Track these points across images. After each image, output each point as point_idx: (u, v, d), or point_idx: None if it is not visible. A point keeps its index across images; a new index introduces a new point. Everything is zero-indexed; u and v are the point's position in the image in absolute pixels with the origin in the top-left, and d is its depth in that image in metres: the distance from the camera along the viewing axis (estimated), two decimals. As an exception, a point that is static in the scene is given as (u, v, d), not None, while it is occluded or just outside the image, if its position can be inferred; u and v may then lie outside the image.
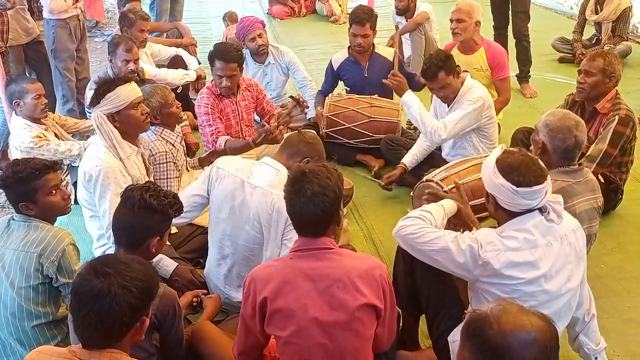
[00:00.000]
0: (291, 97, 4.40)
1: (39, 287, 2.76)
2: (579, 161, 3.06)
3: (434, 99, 4.28)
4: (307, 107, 4.51)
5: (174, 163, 3.73)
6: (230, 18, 7.54)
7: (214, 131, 4.20)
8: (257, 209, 2.92)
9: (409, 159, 4.31)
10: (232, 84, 4.29)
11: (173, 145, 3.76)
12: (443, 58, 3.91)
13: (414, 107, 4.01)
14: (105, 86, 3.15)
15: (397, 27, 6.71)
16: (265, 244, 2.96)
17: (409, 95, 4.08)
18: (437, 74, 3.88)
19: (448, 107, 4.07)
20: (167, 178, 3.67)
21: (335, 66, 5.08)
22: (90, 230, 3.43)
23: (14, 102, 4.11)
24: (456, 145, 4.18)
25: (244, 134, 4.43)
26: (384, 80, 4.21)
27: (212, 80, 4.38)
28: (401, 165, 4.30)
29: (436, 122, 3.96)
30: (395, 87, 4.13)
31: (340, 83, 5.21)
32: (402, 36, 6.54)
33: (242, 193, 2.97)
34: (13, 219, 2.85)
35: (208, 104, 4.25)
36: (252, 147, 4.07)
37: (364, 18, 4.81)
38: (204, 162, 4.04)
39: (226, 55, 4.20)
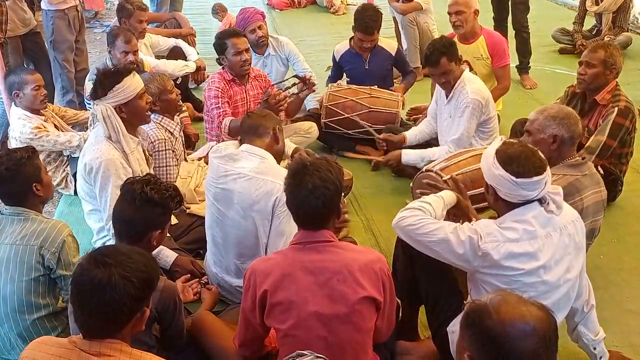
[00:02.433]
0: (295, 76, 4.38)
1: (39, 278, 2.76)
2: (577, 153, 3.07)
3: (436, 92, 4.28)
4: (314, 84, 4.49)
5: (173, 151, 3.73)
6: (220, 8, 7.73)
7: (221, 113, 4.22)
8: (242, 196, 2.93)
9: (412, 133, 4.35)
10: (250, 59, 4.37)
11: (172, 134, 3.76)
12: (446, 44, 3.92)
13: (418, 158, 4.08)
14: (112, 78, 3.13)
15: (394, 19, 6.69)
16: (259, 232, 2.96)
17: (406, 156, 4.13)
18: (440, 60, 3.87)
19: (447, 97, 4.07)
20: (166, 166, 3.68)
21: (337, 57, 5.09)
22: (90, 223, 3.43)
23: (13, 93, 4.10)
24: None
25: None
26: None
27: (223, 67, 4.38)
28: (402, 135, 4.32)
29: (444, 149, 3.99)
30: (392, 158, 4.20)
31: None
32: (400, 28, 6.53)
33: (225, 181, 2.99)
34: (1, 214, 2.85)
35: (219, 88, 4.27)
36: None
37: (372, 27, 4.80)
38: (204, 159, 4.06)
39: (237, 31, 4.43)
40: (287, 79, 4.45)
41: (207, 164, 4.09)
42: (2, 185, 2.81)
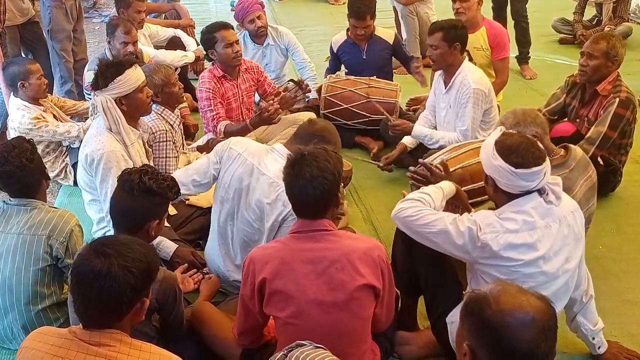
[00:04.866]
0: (291, 80, 4.38)
1: (46, 268, 2.77)
2: (578, 144, 3.07)
3: (434, 82, 4.27)
4: (310, 90, 4.48)
5: (173, 142, 3.73)
6: None
7: (214, 116, 4.20)
8: (260, 196, 2.90)
9: (409, 139, 4.29)
10: (240, 50, 4.34)
11: (172, 126, 3.76)
12: (451, 24, 3.94)
13: (427, 136, 4.04)
14: (114, 69, 3.11)
15: (394, 9, 6.66)
16: (265, 235, 2.93)
17: (416, 130, 4.08)
18: (435, 32, 3.91)
19: (445, 87, 4.06)
20: (166, 157, 3.67)
21: (335, 48, 5.08)
22: (90, 213, 3.43)
23: (18, 83, 4.08)
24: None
25: (244, 117, 4.42)
26: (390, 132, 4.21)
27: (213, 63, 4.36)
28: (401, 144, 4.30)
29: (453, 135, 3.95)
30: (400, 133, 4.15)
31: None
32: (399, 18, 6.51)
33: (249, 177, 2.95)
34: (7, 204, 2.85)
35: (210, 89, 4.24)
36: (250, 130, 4.06)
37: (364, 11, 4.79)
38: (202, 150, 4.04)
39: (225, 24, 4.36)
40: (282, 84, 4.41)
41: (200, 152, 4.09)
42: (24, 177, 2.79)
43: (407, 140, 4.28)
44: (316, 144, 2.84)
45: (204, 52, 4.40)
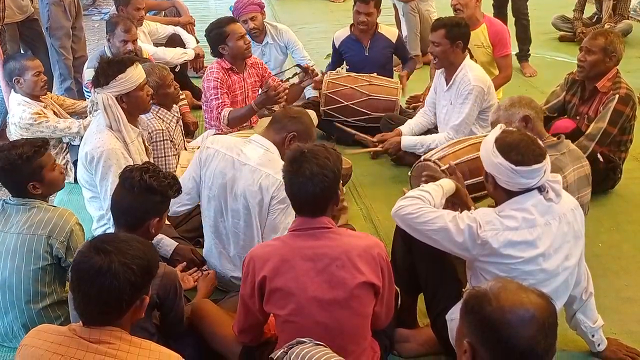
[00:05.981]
0: (298, 65, 4.36)
1: (47, 267, 2.77)
2: (577, 140, 3.08)
3: (435, 78, 4.27)
4: (317, 74, 4.47)
5: (171, 141, 3.73)
6: None
7: (220, 104, 4.22)
8: (244, 186, 2.92)
9: (406, 128, 4.32)
10: (250, 42, 4.41)
11: (169, 124, 3.76)
12: (454, 22, 3.95)
13: (417, 144, 4.09)
14: (116, 67, 3.11)
15: (395, 7, 6.66)
16: (255, 224, 2.95)
17: (405, 141, 4.14)
18: (438, 29, 3.92)
19: (447, 84, 4.06)
20: (164, 156, 3.68)
21: (337, 43, 5.07)
22: (90, 211, 3.43)
23: (13, 79, 4.08)
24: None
25: None
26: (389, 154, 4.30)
27: (222, 56, 4.36)
28: (398, 130, 4.31)
29: (442, 135, 4.00)
30: (394, 150, 4.22)
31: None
32: (400, 16, 6.50)
33: (232, 170, 2.97)
34: (7, 203, 2.84)
35: (217, 78, 4.26)
36: (255, 110, 4.10)
37: None
38: None
39: (232, 18, 4.45)
40: (288, 69, 4.42)
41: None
42: (8, 178, 2.79)
43: (404, 129, 4.30)
44: (290, 127, 2.94)
45: (211, 49, 4.39)
